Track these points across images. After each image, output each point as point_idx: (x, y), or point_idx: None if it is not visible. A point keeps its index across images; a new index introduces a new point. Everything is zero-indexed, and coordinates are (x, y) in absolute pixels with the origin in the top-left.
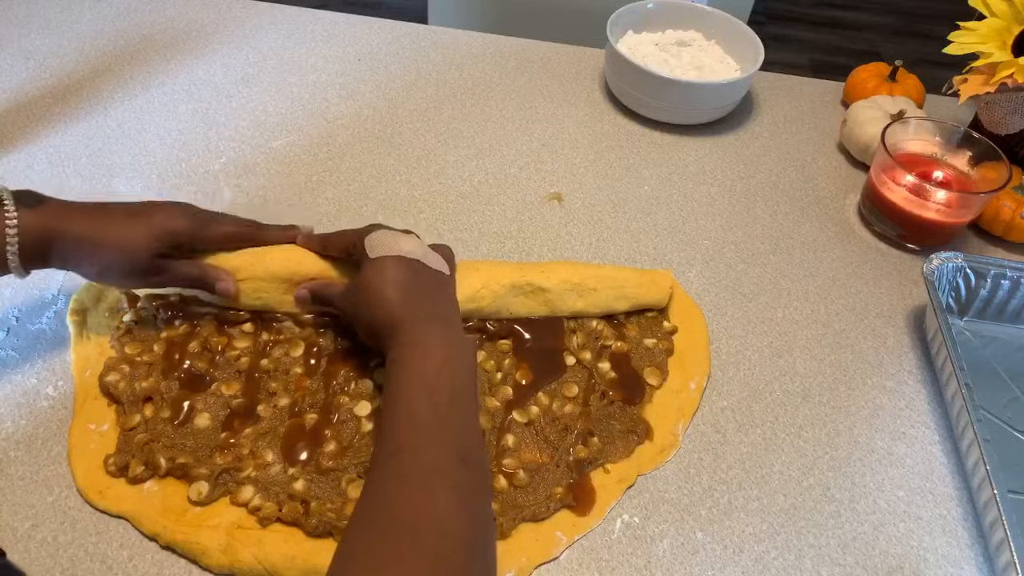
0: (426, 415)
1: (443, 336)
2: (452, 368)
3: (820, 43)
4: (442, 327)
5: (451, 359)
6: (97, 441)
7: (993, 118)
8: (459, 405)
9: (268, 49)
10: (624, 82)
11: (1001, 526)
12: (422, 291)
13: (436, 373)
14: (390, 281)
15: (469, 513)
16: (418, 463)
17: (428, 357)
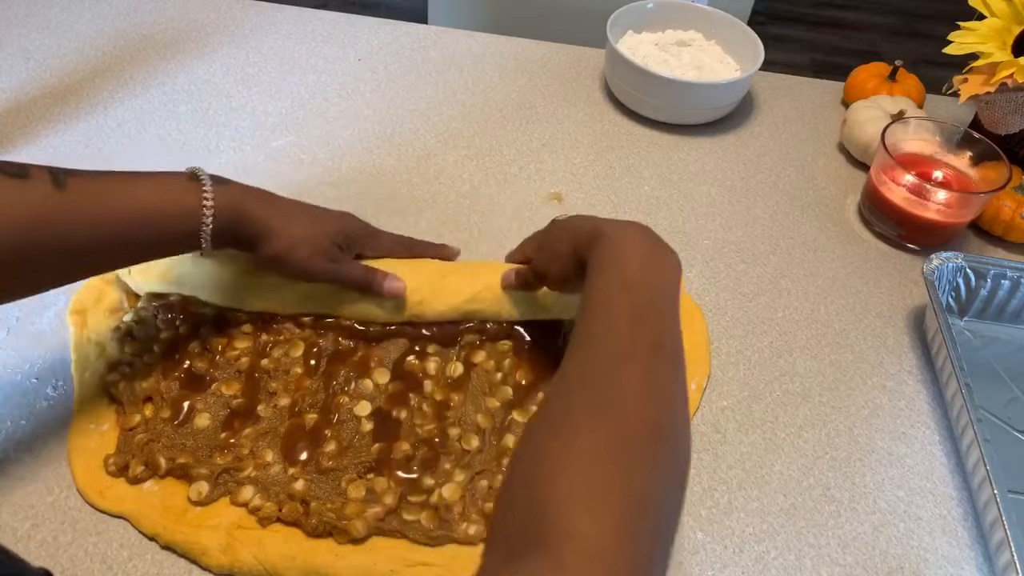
0: (623, 309)
1: (644, 240)
2: (653, 268)
3: (820, 43)
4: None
5: (653, 260)
6: (97, 441)
7: (993, 118)
8: (658, 302)
9: (268, 49)
10: (624, 82)
11: (1001, 526)
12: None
13: (636, 270)
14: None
15: (657, 397)
16: (610, 349)
17: (629, 257)
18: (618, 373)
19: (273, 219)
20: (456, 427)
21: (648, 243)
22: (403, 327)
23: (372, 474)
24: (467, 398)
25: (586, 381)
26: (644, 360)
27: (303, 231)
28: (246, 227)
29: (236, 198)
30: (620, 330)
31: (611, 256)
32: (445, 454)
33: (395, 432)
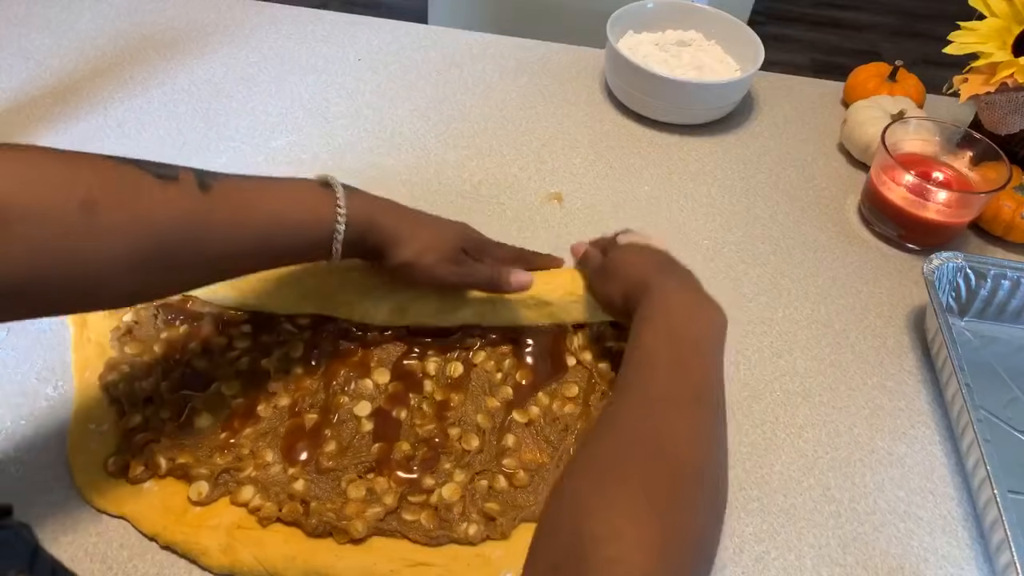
0: (666, 359)
1: (691, 296)
2: (698, 321)
3: (820, 43)
4: (691, 292)
5: (698, 314)
6: (97, 441)
7: (993, 118)
8: (701, 353)
9: (268, 49)
10: (624, 82)
11: (1001, 526)
12: (674, 268)
13: (684, 324)
14: (641, 254)
15: (701, 446)
16: (654, 395)
17: (675, 312)
18: (664, 419)
19: (401, 228)
20: (456, 427)
21: (695, 298)
22: (401, 331)
23: (372, 474)
24: (467, 398)
25: (633, 425)
26: (687, 407)
27: (430, 238)
28: (376, 236)
29: (367, 207)
30: (665, 378)
31: (659, 310)
32: (445, 454)
33: (395, 432)
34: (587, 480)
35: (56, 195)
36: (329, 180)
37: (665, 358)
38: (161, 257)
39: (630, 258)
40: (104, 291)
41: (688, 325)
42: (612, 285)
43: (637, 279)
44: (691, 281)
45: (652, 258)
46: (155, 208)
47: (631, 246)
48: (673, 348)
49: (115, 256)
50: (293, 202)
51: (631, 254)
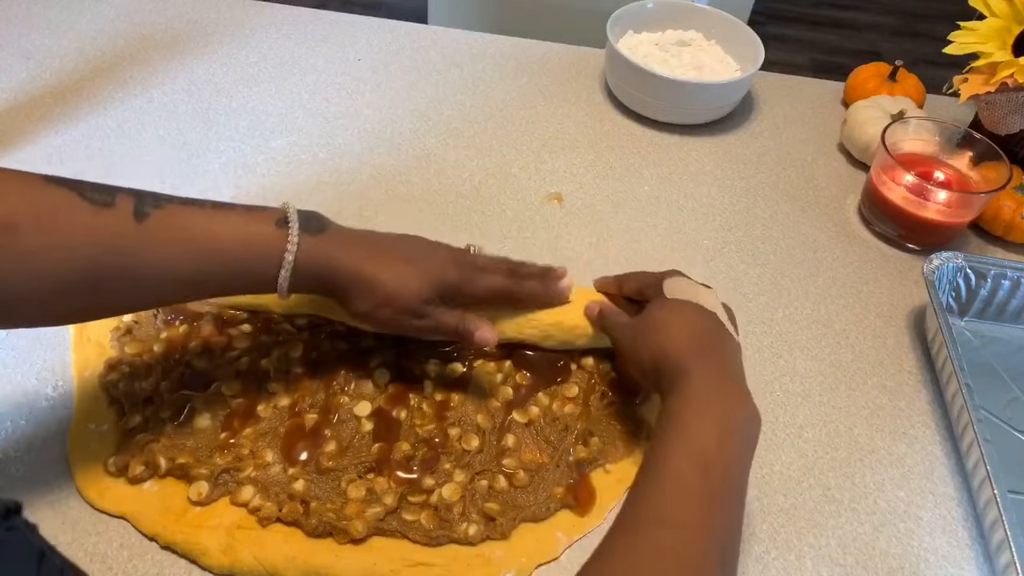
0: (697, 489)
1: (732, 402)
2: (735, 441)
3: (820, 43)
4: (732, 388)
5: (736, 430)
6: (97, 441)
7: (993, 118)
8: (732, 484)
9: (268, 49)
10: (624, 82)
11: (1001, 526)
12: (716, 347)
13: (717, 443)
14: (685, 326)
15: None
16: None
17: (711, 422)
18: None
19: (358, 278)
20: (456, 427)
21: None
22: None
23: (372, 474)
24: (467, 398)
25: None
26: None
27: (388, 292)
28: (331, 279)
29: (324, 249)
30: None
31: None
32: (445, 454)
33: (395, 432)
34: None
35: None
36: (288, 215)
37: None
38: (88, 283)
39: (670, 325)
40: (27, 311)
41: (722, 447)
42: (644, 352)
43: (674, 356)
44: (731, 367)
45: (695, 328)
46: (80, 234)
47: (673, 307)
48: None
49: (37, 279)
50: (238, 237)
51: (671, 319)
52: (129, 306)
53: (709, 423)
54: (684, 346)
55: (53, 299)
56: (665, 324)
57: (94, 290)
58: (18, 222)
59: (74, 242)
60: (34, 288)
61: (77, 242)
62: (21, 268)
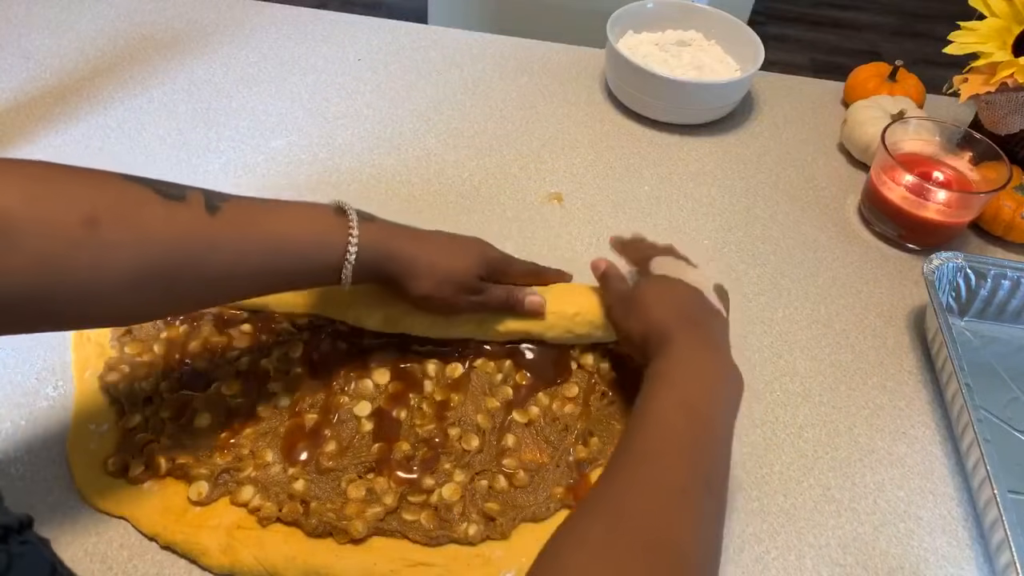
0: (681, 429)
1: (714, 362)
2: (717, 395)
3: (820, 43)
4: (714, 353)
5: (717, 386)
6: (97, 441)
7: (993, 118)
8: (715, 431)
9: (268, 49)
10: (624, 82)
11: (1001, 526)
12: (698, 316)
13: (700, 395)
14: (669, 293)
15: (705, 542)
16: (665, 477)
17: (695, 378)
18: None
19: (418, 259)
20: (456, 427)
21: (715, 364)
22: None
23: (372, 474)
24: (467, 398)
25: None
26: (697, 499)
27: (447, 269)
28: (392, 267)
29: (381, 236)
30: (677, 462)
31: (677, 373)
32: (445, 454)
33: (395, 432)
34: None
35: (59, 210)
36: (344, 206)
37: (680, 437)
38: (163, 277)
39: (656, 298)
40: (105, 308)
41: (705, 397)
42: (632, 322)
43: (659, 325)
44: (715, 336)
45: (680, 301)
46: (158, 227)
47: (661, 282)
48: (689, 425)
49: (116, 273)
50: (303, 227)
51: (658, 292)
52: (199, 301)
53: (693, 378)
54: (669, 316)
55: (128, 294)
56: (651, 298)
57: (168, 284)
58: (99, 216)
59: (151, 236)
60: (111, 282)
61: (154, 236)
62: (100, 262)
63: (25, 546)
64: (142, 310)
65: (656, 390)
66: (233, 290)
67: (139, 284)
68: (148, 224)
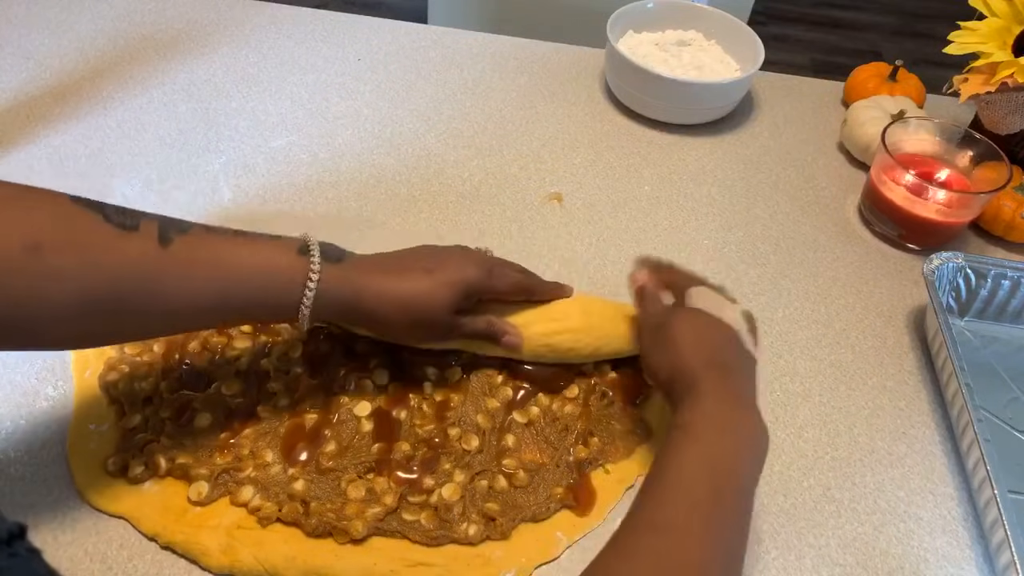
0: (706, 502)
1: (745, 420)
2: (746, 458)
3: (820, 43)
4: (745, 411)
5: (747, 448)
6: (97, 441)
7: (993, 118)
8: (741, 498)
9: (268, 49)
10: (624, 82)
11: (1001, 526)
12: (733, 363)
13: (728, 458)
14: (703, 337)
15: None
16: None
17: (724, 437)
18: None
19: (383, 305)
20: (456, 427)
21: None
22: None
23: (372, 474)
24: (467, 398)
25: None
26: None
27: (419, 310)
28: (356, 308)
29: (346, 277)
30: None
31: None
32: (445, 454)
33: (395, 432)
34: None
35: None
36: (309, 244)
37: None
38: (110, 305)
39: (691, 335)
40: (49, 333)
41: (732, 460)
42: (661, 357)
43: (689, 368)
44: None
45: (715, 343)
46: (105, 256)
47: (697, 317)
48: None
49: (60, 300)
50: (261, 265)
51: (693, 329)
52: (149, 331)
53: (721, 436)
54: (700, 359)
55: (75, 321)
56: (681, 334)
57: (116, 313)
58: (42, 241)
59: (98, 263)
60: (56, 309)
61: (101, 263)
62: (44, 288)
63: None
64: (87, 339)
65: (680, 446)
66: (183, 322)
67: (85, 312)
68: (93, 252)
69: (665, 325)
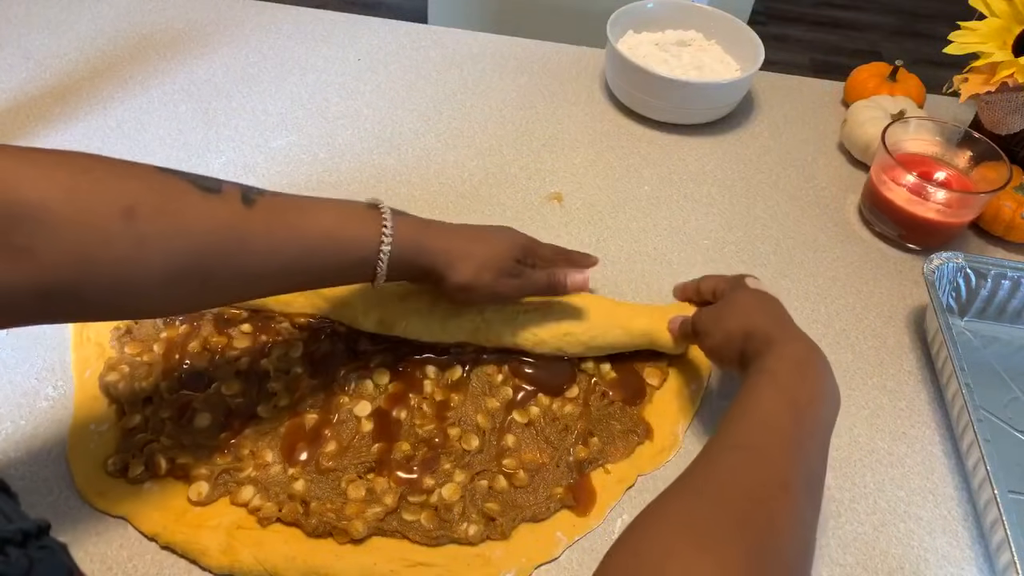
0: (786, 427)
1: (821, 371)
2: (821, 400)
3: (820, 43)
4: (821, 365)
5: (823, 392)
6: (97, 441)
7: (993, 118)
8: (818, 436)
9: (268, 49)
10: (624, 82)
11: (1001, 526)
12: (792, 326)
13: (807, 397)
14: (766, 303)
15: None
16: (768, 470)
17: (805, 381)
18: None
19: (453, 250)
20: (456, 427)
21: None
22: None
23: (372, 474)
24: (467, 398)
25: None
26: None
27: (483, 257)
28: (427, 259)
29: (415, 231)
30: (782, 454)
31: (784, 371)
32: (445, 454)
33: (395, 432)
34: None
35: (98, 202)
36: (376, 202)
37: (786, 431)
38: (199, 269)
39: (755, 304)
40: (139, 300)
41: (812, 402)
42: (732, 323)
43: (762, 329)
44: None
45: (777, 311)
46: (196, 219)
47: (757, 293)
48: (796, 424)
49: (153, 264)
50: (338, 221)
51: (756, 300)
52: (234, 294)
53: (801, 381)
54: (770, 320)
55: (164, 286)
56: (749, 302)
57: (204, 277)
58: (137, 208)
59: (189, 227)
60: (148, 274)
61: (192, 227)
62: (138, 254)
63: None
64: (176, 303)
65: (762, 386)
66: (266, 285)
67: (174, 277)
68: (185, 216)
69: (730, 300)
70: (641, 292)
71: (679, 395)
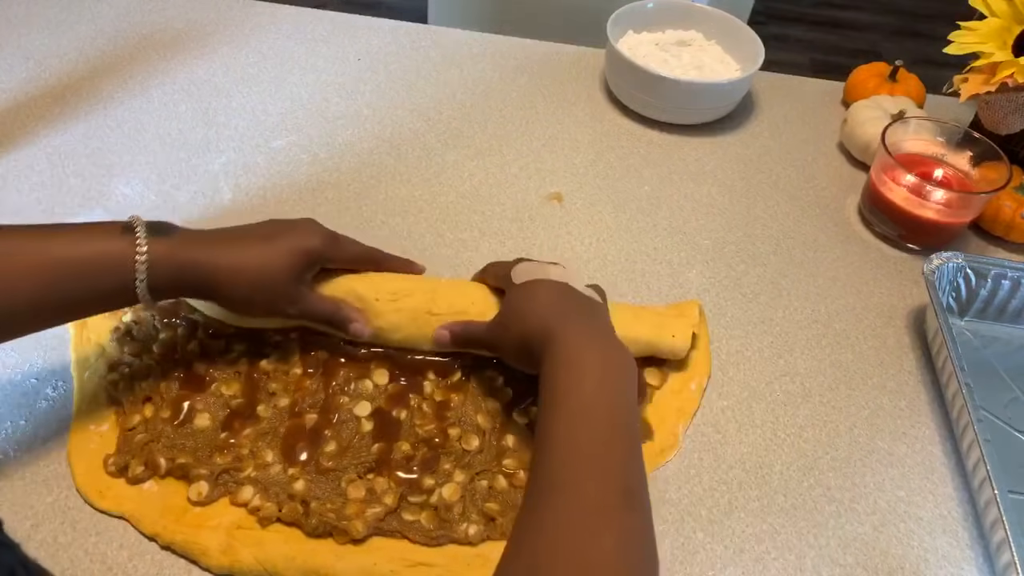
0: (585, 447)
1: (599, 351)
2: (611, 388)
3: (820, 43)
4: (599, 341)
5: (609, 378)
6: (97, 441)
7: (993, 118)
8: (620, 430)
9: (268, 49)
10: (624, 82)
11: (1002, 526)
12: (574, 308)
13: (593, 395)
14: (540, 297)
15: (633, 557)
16: (579, 502)
17: (584, 376)
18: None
19: (223, 266)
20: (456, 427)
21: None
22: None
23: (372, 474)
24: (467, 398)
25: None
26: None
27: (255, 274)
28: (192, 280)
29: (177, 248)
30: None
31: (565, 375)
32: (445, 454)
33: (395, 432)
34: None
35: None
36: (133, 223)
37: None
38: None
39: (527, 301)
40: None
41: (601, 391)
42: (512, 334)
43: (538, 326)
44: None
45: (550, 298)
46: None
47: (526, 287)
48: (589, 427)
49: None
50: (84, 251)
51: (527, 296)
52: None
53: (582, 375)
54: (544, 315)
55: None
56: (521, 305)
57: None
58: None
59: None
60: None
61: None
62: None
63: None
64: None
65: (551, 402)
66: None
67: None
68: None
69: (502, 314)
70: (641, 292)
71: (679, 395)
